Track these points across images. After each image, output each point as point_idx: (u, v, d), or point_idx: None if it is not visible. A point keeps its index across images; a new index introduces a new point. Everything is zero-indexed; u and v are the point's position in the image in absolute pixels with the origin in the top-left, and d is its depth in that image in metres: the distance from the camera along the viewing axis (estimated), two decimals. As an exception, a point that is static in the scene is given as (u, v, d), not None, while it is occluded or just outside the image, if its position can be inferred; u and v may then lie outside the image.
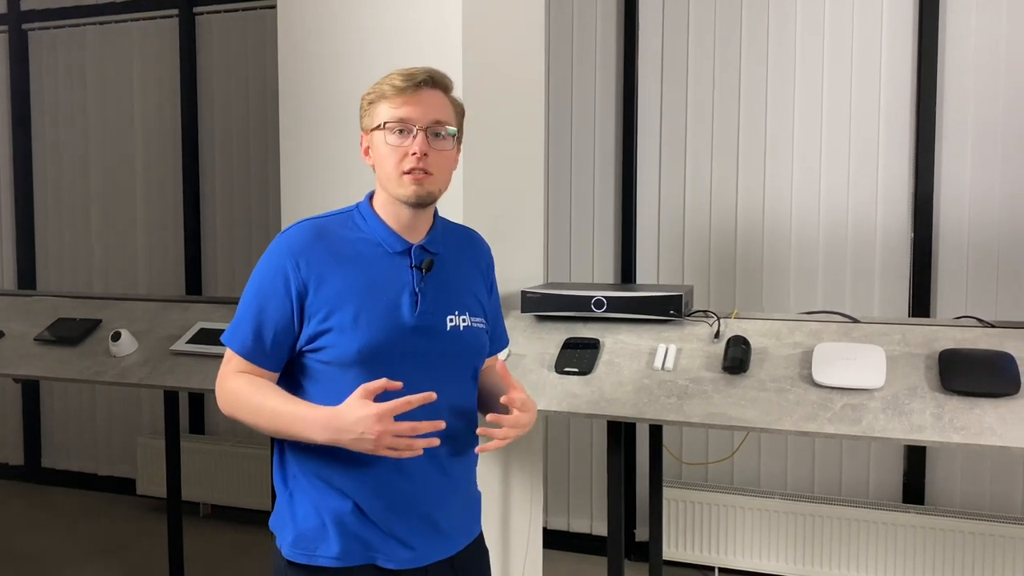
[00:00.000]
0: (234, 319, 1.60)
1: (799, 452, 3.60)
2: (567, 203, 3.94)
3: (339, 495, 1.56)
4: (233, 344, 1.59)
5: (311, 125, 2.67)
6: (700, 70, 3.70)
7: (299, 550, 1.57)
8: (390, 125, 1.56)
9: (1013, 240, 3.30)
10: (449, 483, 1.63)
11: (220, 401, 1.60)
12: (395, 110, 1.56)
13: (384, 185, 1.60)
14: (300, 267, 1.55)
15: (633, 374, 2.27)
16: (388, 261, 1.59)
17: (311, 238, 1.58)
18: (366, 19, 2.56)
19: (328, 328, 1.54)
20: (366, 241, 1.60)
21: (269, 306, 1.56)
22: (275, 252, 1.59)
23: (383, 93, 1.58)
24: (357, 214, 1.65)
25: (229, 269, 4.53)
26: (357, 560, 1.56)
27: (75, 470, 4.89)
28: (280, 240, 1.60)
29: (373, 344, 1.53)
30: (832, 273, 3.52)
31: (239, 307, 1.60)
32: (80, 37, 4.77)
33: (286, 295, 1.55)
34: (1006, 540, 3.15)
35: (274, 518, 1.66)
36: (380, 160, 1.59)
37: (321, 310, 1.54)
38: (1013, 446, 1.88)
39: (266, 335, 1.56)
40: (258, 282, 1.59)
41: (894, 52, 3.42)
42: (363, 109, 1.62)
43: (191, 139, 4.54)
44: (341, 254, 1.58)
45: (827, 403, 2.06)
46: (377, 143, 1.59)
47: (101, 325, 2.97)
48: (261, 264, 1.60)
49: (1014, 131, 3.28)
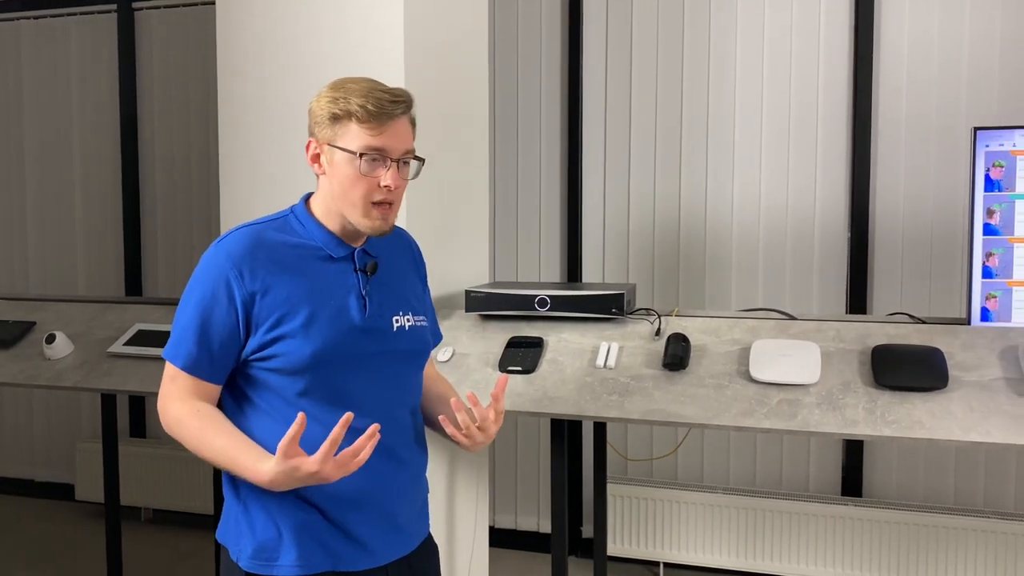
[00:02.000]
0: (174, 334, 1.54)
1: (741, 447, 3.66)
2: (514, 203, 3.96)
3: (297, 502, 1.53)
4: (176, 359, 1.53)
5: (250, 124, 2.64)
6: (643, 74, 3.74)
7: (259, 561, 1.54)
8: (367, 156, 1.50)
9: (945, 238, 3.39)
10: (408, 476, 1.64)
11: (165, 424, 1.56)
12: (371, 138, 1.50)
13: (342, 207, 1.55)
14: (243, 275, 1.50)
15: (576, 372, 2.29)
16: (331, 266, 1.58)
17: (251, 245, 1.53)
18: (306, 18, 2.54)
19: (279, 336, 1.50)
20: (306, 246, 1.57)
21: (213, 318, 1.50)
22: (214, 262, 1.52)
23: (357, 114, 1.50)
24: (293, 219, 1.60)
25: (170, 269, 4.45)
26: (319, 567, 1.54)
27: (11, 476, 4.77)
28: (218, 249, 1.54)
29: (325, 349, 1.52)
30: (772, 271, 3.59)
31: (178, 321, 1.54)
32: (14, 32, 4.65)
33: (230, 305, 1.50)
34: (939, 530, 3.24)
35: (225, 529, 1.61)
36: (344, 183, 1.52)
37: (269, 318, 1.50)
38: (940, 438, 1.94)
39: (211, 348, 1.51)
40: (199, 293, 1.52)
41: (831, 58, 3.50)
42: (320, 116, 1.54)
43: (130, 137, 4.45)
44: (283, 260, 1.54)
45: (764, 399, 2.11)
46: (342, 165, 1.52)
47: (35, 327, 2.90)
48: (200, 275, 1.54)
49: (946, 133, 3.38)
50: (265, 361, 1.52)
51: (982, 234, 2.26)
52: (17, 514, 4.49)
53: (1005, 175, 2.25)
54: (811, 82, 3.53)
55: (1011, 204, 2.25)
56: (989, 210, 2.26)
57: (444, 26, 2.71)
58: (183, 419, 1.53)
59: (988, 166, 2.26)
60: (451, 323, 2.54)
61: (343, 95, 1.52)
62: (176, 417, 1.54)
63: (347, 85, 1.54)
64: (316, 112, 1.55)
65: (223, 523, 1.62)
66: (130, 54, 4.43)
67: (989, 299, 2.27)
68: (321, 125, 1.54)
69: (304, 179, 1.67)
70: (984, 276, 2.27)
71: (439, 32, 2.67)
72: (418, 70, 2.51)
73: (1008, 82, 3.31)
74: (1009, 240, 2.25)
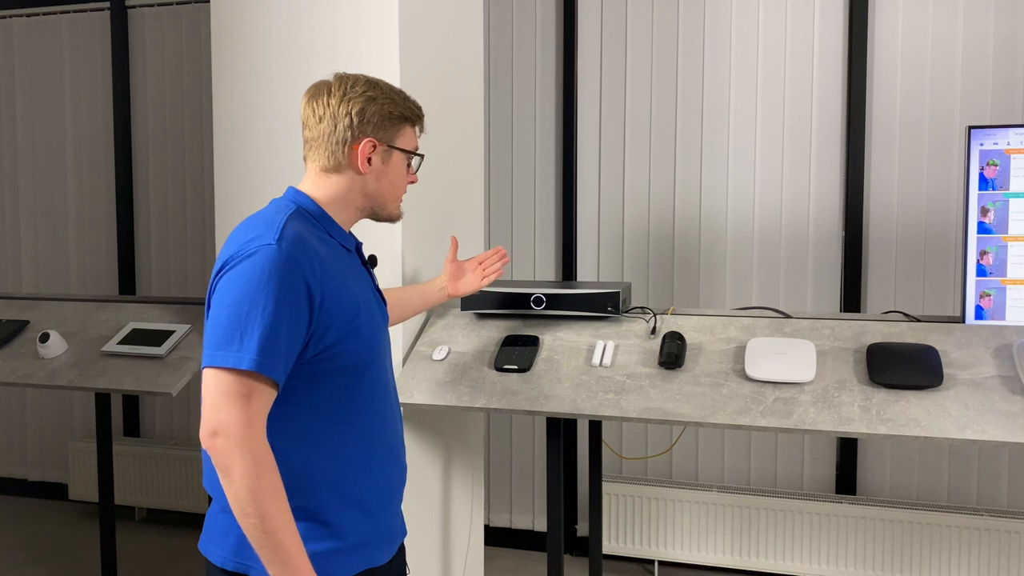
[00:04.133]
0: (252, 340, 1.35)
1: (735, 446, 3.67)
2: (508, 203, 3.96)
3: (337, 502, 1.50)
4: (272, 371, 1.36)
5: (244, 122, 2.63)
6: (638, 73, 3.75)
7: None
8: (415, 157, 1.66)
9: (939, 237, 3.40)
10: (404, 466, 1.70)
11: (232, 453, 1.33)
12: (416, 140, 1.66)
13: (381, 202, 1.63)
14: (314, 272, 1.43)
15: (571, 371, 2.29)
16: (348, 259, 1.60)
17: (308, 239, 1.46)
18: (300, 16, 2.54)
19: (344, 334, 1.48)
20: (329, 241, 1.56)
21: (296, 321, 1.40)
22: (282, 262, 1.39)
23: (415, 116, 1.63)
24: (306, 213, 1.55)
25: (164, 268, 4.44)
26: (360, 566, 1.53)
27: (4, 476, 4.75)
28: (284, 247, 1.41)
29: (373, 342, 1.56)
30: (766, 270, 3.60)
31: (259, 326, 1.36)
32: (6, 29, 4.63)
33: (308, 307, 1.41)
34: (933, 527, 3.25)
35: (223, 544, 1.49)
36: (395, 182, 1.63)
37: (336, 318, 1.46)
38: (935, 436, 1.94)
39: (291, 353, 1.41)
40: (277, 295, 1.37)
41: (825, 57, 3.51)
42: (379, 117, 1.56)
43: (124, 135, 4.43)
44: (324, 258, 1.49)
45: (759, 397, 2.11)
46: (399, 165, 1.62)
47: (29, 326, 2.89)
48: (269, 276, 1.38)
49: (940, 133, 3.39)
50: (331, 360, 1.47)
51: (976, 232, 2.27)
52: (10, 514, 4.47)
53: (999, 174, 2.26)
54: (805, 81, 3.53)
55: (1005, 203, 2.26)
56: (983, 208, 2.26)
57: (439, 25, 2.70)
58: (259, 472, 1.33)
59: (982, 165, 2.26)
60: (446, 321, 2.54)
61: (399, 98, 1.60)
62: (254, 462, 1.33)
63: (391, 88, 1.61)
64: (373, 112, 1.56)
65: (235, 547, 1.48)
66: (123, 52, 4.42)
67: (983, 297, 2.27)
68: (380, 126, 1.57)
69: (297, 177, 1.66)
70: (978, 274, 2.27)
71: (434, 31, 2.67)
72: (413, 68, 2.51)
73: (1001, 81, 3.32)
74: (1003, 238, 2.26)
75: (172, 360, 2.63)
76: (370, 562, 1.55)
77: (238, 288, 1.39)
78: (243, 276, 1.39)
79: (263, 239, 1.42)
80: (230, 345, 1.36)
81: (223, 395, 1.35)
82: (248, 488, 1.33)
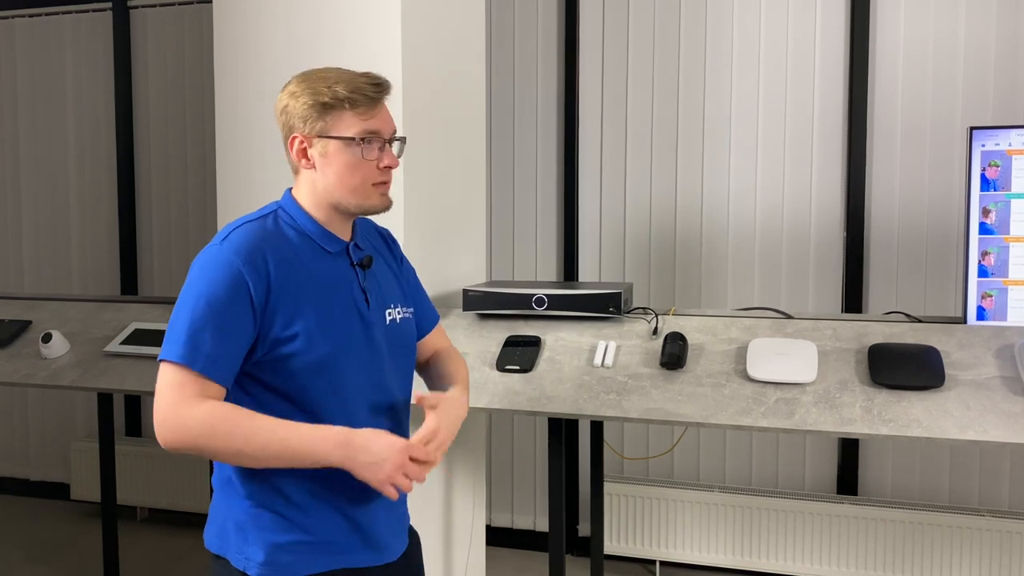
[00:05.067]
0: (182, 335, 1.42)
1: (737, 446, 3.67)
2: (510, 203, 3.96)
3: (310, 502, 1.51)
4: (194, 362, 1.41)
5: (247, 122, 2.63)
6: (640, 72, 3.75)
7: (271, 567, 1.49)
8: (366, 139, 1.52)
9: (940, 238, 3.40)
10: None
11: (177, 433, 1.40)
12: (366, 122, 1.52)
13: (339, 197, 1.54)
14: (256, 272, 1.45)
15: (573, 371, 2.29)
16: (329, 261, 1.56)
17: (257, 241, 1.48)
18: (302, 16, 2.54)
19: (294, 334, 1.46)
20: (304, 242, 1.55)
21: (229, 316, 1.43)
22: (222, 259, 1.45)
23: (349, 101, 1.51)
24: (284, 215, 1.57)
25: (166, 268, 4.44)
26: (333, 565, 1.53)
27: (6, 476, 4.75)
28: (224, 247, 1.47)
29: (339, 346, 1.51)
30: (768, 271, 3.60)
31: (185, 321, 1.43)
32: (9, 30, 4.63)
33: (245, 303, 1.44)
34: (935, 528, 3.25)
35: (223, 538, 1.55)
36: (341, 172, 1.52)
37: (283, 316, 1.46)
38: (936, 437, 1.94)
39: (228, 348, 1.43)
40: (210, 291, 1.43)
41: (826, 58, 3.51)
42: (303, 110, 1.52)
43: (126, 135, 4.44)
44: (287, 257, 1.50)
45: (761, 397, 2.11)
46: (339, 154, 1.52)
47: (31, 326, 2.89)
48: (207, 273, 1.45)
49: (942, 133, 3.39)
50: (279, 360, 1.47)
51: (978, 233, 2.27)
52: (12, 514, 4.48)
53: (1001, 174, 2.26)
54: (807, 81, 3.53)
55: (1007, 203, 2.26)
56: (985, 209, 2.27)
57: (441, 26, 2.71)
58: (215, 416, 1.39)
59: (984, 165, 2.26)
60: (448, 322, 2.54)
61: (326, 85, 1.52)
62: (200, 421, 1.39)
63: (322, 75, 1.55)
64: (296, 108, 1.54)
65: (217, 532, 1.56)
66: (125, 52, 4.42)
67: (985, 298, 2.27)
68: (306, 119, 1.53)
69: (302, 178, 1.66)
70: (980, 275, 2.28)
71: (436, 31, 2.67)
72: (415, 69, 2.51)
73: (1003, 82, 3.32)
74: (1005, 239, 2.26)
75: (174, 360, 2.63)
76: (346, 563, 1.54)
77: (184, 288, 1.48)
78: (189, 277, 1.48)
79: (213, 242, 1.50)
80: (168, 341, 1.45)
81: (161, 385, 1.44)
82: (218, 448, 1.41)
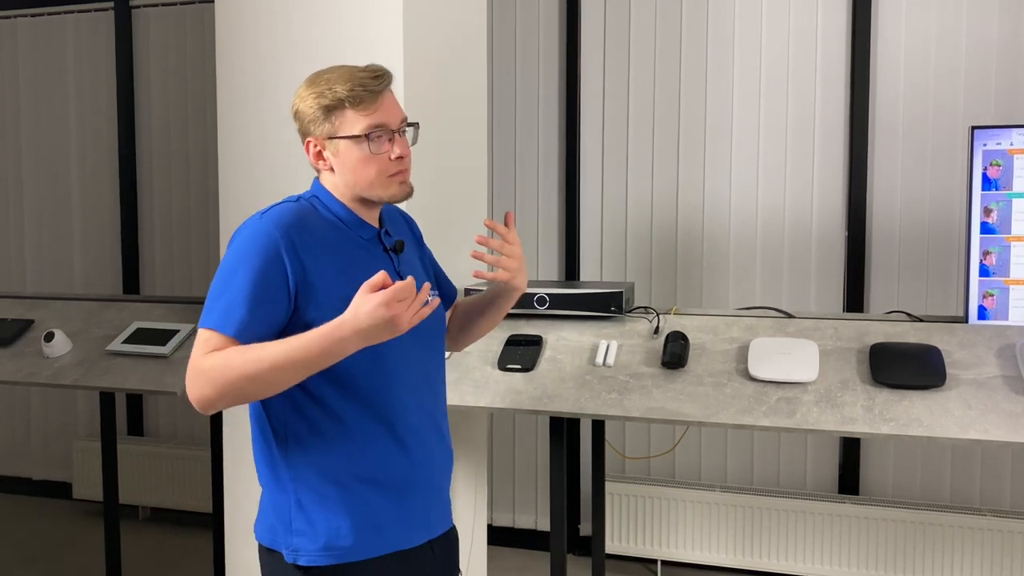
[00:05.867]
0: (219, 302, 1.46)
1: (738, 445, 3.67)
2: (511, 202, 3.96)
3: (352, 485, 1.52)
4: (227, 327, 1.43)
5: (249, 122, 2.63)
6: (641, 73, 3.75)
7: (322, 554, 1.51)
8: (372, 135, 1.53)
9: (941, 237, 3.40)
10: (448, 450, 1.68)
11: (199, 383, 1.43)
12: (370, 117, 1.53)
13: (360, 190, 1.56)
14: (296, 247, 1.47)
15: (575, 370, 2.30)
16: (362, 246, 1.59)
17: (298, 219, 1.51)
18: (304, 16, 2.54)
19: (327, 314, 1.45)
20: (340, 227, 1.57)
21: (267, 286, 1.45)
22: (263, 231, 1.47)
23: (348, 99, 1.52)
24: (318, 202, 1.59)
25: (168, 267, 4.44)
26: (381, 549, 1.54)
27: (8, 475, 4.76)
28: (265, 219, 1.50)
29: None
30: (769, 270, 3.60)
31: (224, 289, 1.46)
32: (11, 30, 4.64)
33: (283, 275, 1.46)
34: (936, 528, 3.25)
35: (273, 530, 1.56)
36: (356, 169, 1.54)
37: (318, 294, 1.48)
38: (938, 436, 1.95)
39: (263, 317, 1.45)
40: (250, 261, 1.45)
41: (828, 58, 3.50)
42: (311, 114, 1.54)
43: (128, 134, 4.44)
44: (325, 239, 1.53)
45: (763, 397, 2.11)
46: (350, 152, 1.54)
47: (34, 325, 2.90)
48: (248, 244, 1.48)
49: (943, 132, 3.39)
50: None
51: (979, 233, 2.27)
52: (14, 513, 4.48)
53: (1002, 174, 2.26)
54: (809, 81, 3.53)
55: (1008, 203, 2.26)
56: (987, 209, 2.27)
57: (443, 24, 2.71)
58: (225, 358, 1.41)
59: (986, 165, 2.26)
60: (450, 321, 2.54)
61: (326, 87, 1.53)
62: (213, 364, 1.41)
63: (324, 76, 1.56)
64: (306, 112, 1.56)
65: (268, 524, 1.57)
66: (127, 52, 4.42)
67: (986, 297, 2.27)
68: (316, 122, 1.55)
69: (303, 177, 1.67)
70: (981, 274, 2.28)
71: (438, 30, 2.67)
72: (417, 68, 2.51)
73: (1005, 82, 3.32)
74: (1006, 239, 2.26)
75: (176, 359, 2.63)
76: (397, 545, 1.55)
77: (224, 258, 1.52)
78: (229, 247, 1.52)
79: (254, 216, 1.54)
80: (205, 309, 1.48)
81: (196, 344, 1.47)
82: (235, 383, 1.41)
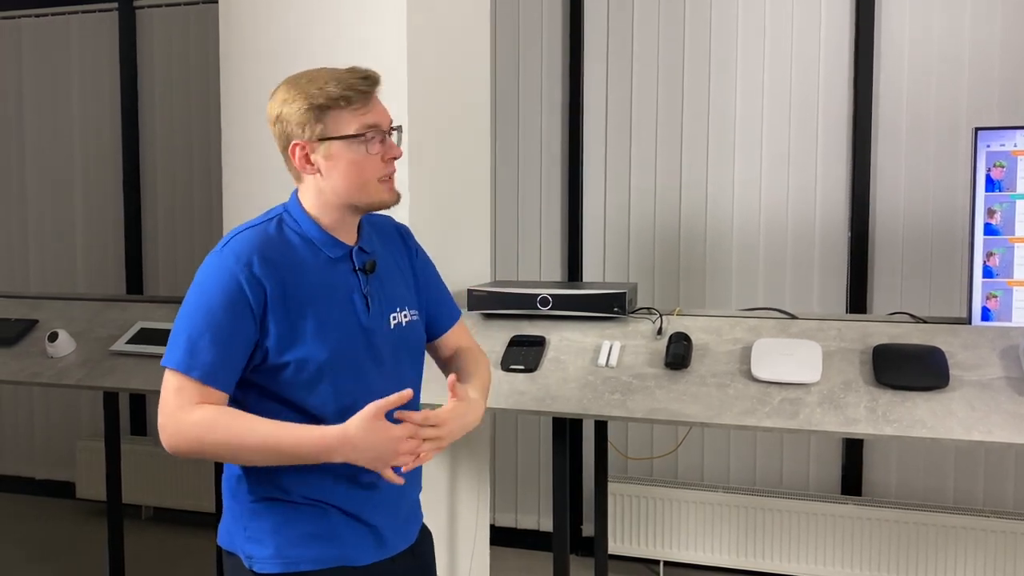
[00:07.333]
0: (181, 342, 1.45)
1: (741, 446, 3.67)
2: (514, 202, 3.96)
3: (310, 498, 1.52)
4: (191, 369, 1.43)
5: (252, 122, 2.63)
6: (644, 72, 3.75)
7: (276, 561, 1.51)
8: (369, 134, 1.51)
9: (944, 238, 3.40)
10: (411, 475, 1.63)
11: (177, 437, 1.43)
12: (363, 117, 1.51)
13: (350, 196, 1.53)
14: (255, 279, 1.45)
15: (578, 371, 2.30)
16: (330, 267, 1.55)
17: (257, 247, 1.48)
18: (308, 16, 2.55)
19: (293, 340, 1.47)
20: (306, 246, 1.54)
21: (228, 323, 1.44)
22: (222, 265, 1.47)
23: (342, 99, 1.49)
24: (288, 218, 1.57)
25: (171, 267, 4.45)
26: (334, 562, 1.53)
27: (11, 474, 4.77)
28: (224, 253, 1.48)
29: (338, 351, 1.50)
30: (772, 271, 3.60)
31: (186, 328, 1.45)
32: (15, 30, 4.65)
33: (245, 310, 1.44)
34: (939, 529, 3.25)
35: (231, 535, 1.58)
36: (350, 171, 1.51)
37: (282, 323, 1.47)
38: (941, 437, 1.94)
39: (227, 355, 1.44)
40: (209, 298, 1.45)
41: (831, 57, 3.50)
42: (298, 116, 1.51)
43: (132, 134, 4.45)
44: (288, 262, 1.50)
45: (766, 398, 2.11)
46: (344, 153, 1.51)
47: (37, 325, 2.90)
48: (208, 279, 1.47)
49: (947, 133, 3.38)
50: (279, 368, 1.48)
51: (983, 234, 2.27)
52: (18, 512, 4.49)
53: (1006, 175, 2.26)
54: (812, 81, 3.53)
55: (1012, 204, 2.26)
56: (990, 210, 2.27)
57: (446, 26, 2.71)
58: (211, 420, 1.42)
59: (989, 166, 2.26)
60: (453, 322, 2.54)
61: (317, 87, 1.50)
62: (197, 421, 1.42)
63: (311, 78, 1.53)
64: (292, 115, 1.52)
65: (227, 528, 1.59)
66: (131, 52, 4.43)
67: (990, 299, 2.27)
68: (304, 124, 1.51)
69: (307, 178, 1.67)
70: (985, 276, 2.27)
71: (441, 32, 2.67)
72: (420, 68, 2.51)
73: (1009, 83, 3.32)
74: (1010, 240, 2.26)
75: (180, 359, 2.63)
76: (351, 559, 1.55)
77: (187, 294, 1.50)
78: (192, 283, 1.50)
79: (215, 248, 1.52)
80: (170, 346, 1.48)
81: (163, 391, 1.46)
82: (217, 451, 1.44)
